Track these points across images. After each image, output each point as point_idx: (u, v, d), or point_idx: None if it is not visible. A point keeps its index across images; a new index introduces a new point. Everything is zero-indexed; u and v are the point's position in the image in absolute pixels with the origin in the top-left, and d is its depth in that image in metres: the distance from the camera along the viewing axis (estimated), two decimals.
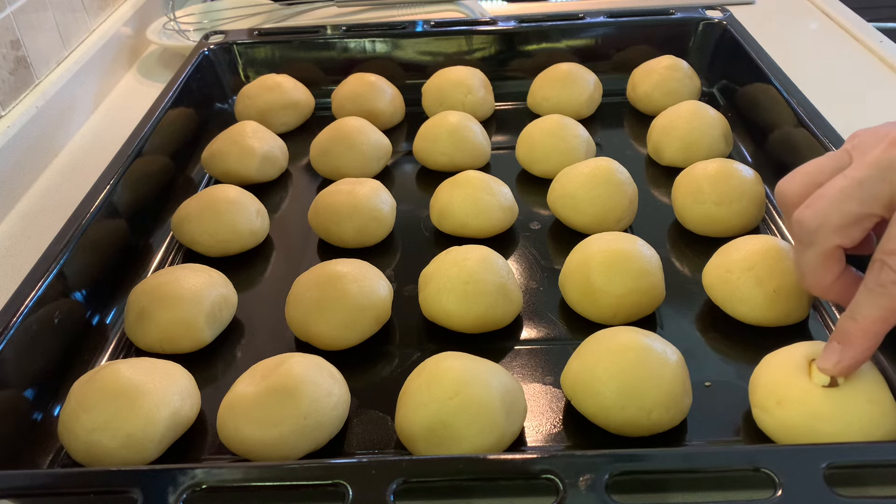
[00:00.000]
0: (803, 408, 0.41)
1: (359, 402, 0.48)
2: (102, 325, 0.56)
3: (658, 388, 0.43)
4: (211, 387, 0.50)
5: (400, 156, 0.75)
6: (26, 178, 0.74)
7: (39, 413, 0.48)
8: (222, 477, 0.37)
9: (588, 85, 0.78)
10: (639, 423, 0.43)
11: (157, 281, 0.53)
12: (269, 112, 0.79)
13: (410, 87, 0.82)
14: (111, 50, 0.94)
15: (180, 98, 0.75)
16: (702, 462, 0.37)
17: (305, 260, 0.62)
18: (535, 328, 0.53)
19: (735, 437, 0.44)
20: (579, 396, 0.45)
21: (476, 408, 0.42)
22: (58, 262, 0.52)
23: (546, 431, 0.46)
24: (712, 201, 0.59)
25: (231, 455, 0.45)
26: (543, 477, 0.36)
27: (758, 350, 0.46)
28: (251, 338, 0.55)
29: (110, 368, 0.45)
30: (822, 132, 0.60)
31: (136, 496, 0.36)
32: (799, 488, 0.34)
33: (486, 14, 1.01)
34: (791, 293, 0.50)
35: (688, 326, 0.53)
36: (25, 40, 0.78)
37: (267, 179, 0.72)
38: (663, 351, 0.44)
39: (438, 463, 0.38)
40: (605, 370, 0.43)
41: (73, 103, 0.84)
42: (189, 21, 1.05)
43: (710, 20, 0.83)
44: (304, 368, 0.45)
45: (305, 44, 0.86)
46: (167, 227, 0.65)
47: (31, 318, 0.48)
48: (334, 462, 0.38)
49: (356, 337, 0.51)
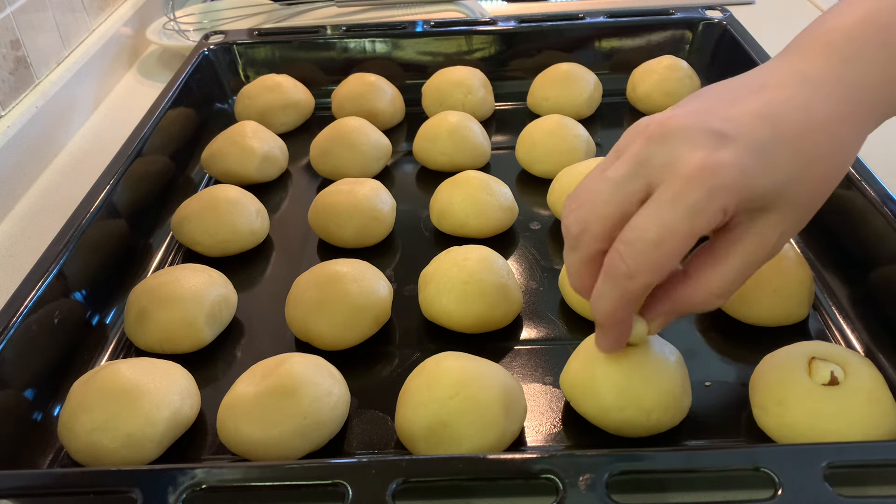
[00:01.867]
0: (803, 407, 0.41)
1: (359, 402, 0.48)
2: (102, 325, 0.56)
3: (657, 389, 0.43)
4: (211, 387, 0.50)
5: (400, 156, 0.75)
6: (26, 178, 0.74)
7: (39, 413, 0.48)
8: (222, 477, 0.37)
9: (588, 85, 0.78)
10: (638, 423, 0.43)
11: (157, 281, 0.53)
12: (269, 112, 0.79)
13: (410, 87, 0.82)
14: (111, 50, 0.94)
15: (180, 98, 0.75)
16: (702, 462, 0.37)
17: (305, 260, 0.62)
18: (535, 328, 0.53)
19: (735, 437, 0.44)
20: (578, 397, 0.45)
21: (476, 408, 0.42)
22: (58, 262, 0.52)
23: (546, 431, 0.46)
24: None
25: (231, 455, 0.45)
26: (543, 477, 0.36)
27: (758, 350, 0.46)
28: (251, 338, 0.55)
29: (110, 368, 0.45)
30: None
31: (135, 496, 0.36)
32: (799, 488, 0.34)
33: (486, 14, 1.01)
34: (791, 293, 0.50)
35: (688, 326, 0.53)
36: (25, 40, 0.78)
37: (267, 179, 0.72)
38: (662, 351, 0.44)
39: (438, 463, 0.38)
40: (603, 371, 0.43)
41: (73, 103, 0.84)
42: (189, 21, 1.05)
43: (710, 20, 0.83)
44: (304, 368, 0.45)
45: (305, 44, 0.86)
46: (167, 227, 0.65)
47: (31, 318, 0.48)
48: (334, 462, 0.38)
49: (356, 337, 0.51)
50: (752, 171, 0.35)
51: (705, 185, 0.34)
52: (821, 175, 0.37)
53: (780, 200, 0.36)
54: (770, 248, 0.37)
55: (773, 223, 0.36)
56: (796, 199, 0.36)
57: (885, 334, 0.49)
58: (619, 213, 0.36)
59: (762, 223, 0.36)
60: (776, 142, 0.35)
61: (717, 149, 0.34)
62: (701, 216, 0.34)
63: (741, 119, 0.36)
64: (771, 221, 0.36)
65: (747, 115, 0.36)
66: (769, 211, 0.36)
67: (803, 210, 0.37)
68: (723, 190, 0.34)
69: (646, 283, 0.36)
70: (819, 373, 0.42)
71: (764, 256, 0.37)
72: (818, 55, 0.38)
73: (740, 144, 0.35)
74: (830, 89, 0.37)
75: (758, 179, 0.35)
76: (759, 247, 0.37)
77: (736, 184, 0.34)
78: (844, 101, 0.37)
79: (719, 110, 0.36)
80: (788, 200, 0.36)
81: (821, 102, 0.37)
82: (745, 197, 0.35)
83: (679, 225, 0.34)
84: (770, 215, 0.36)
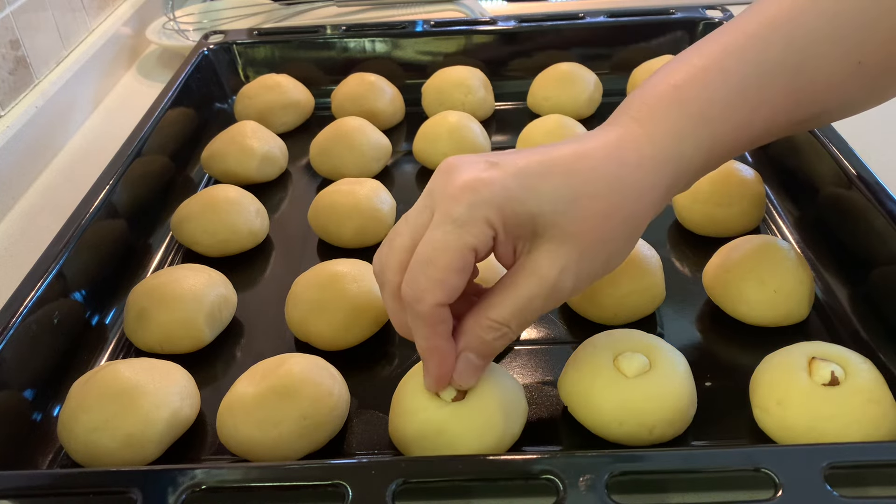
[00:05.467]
0: (803, 408, 0.41)
1: (359, 402, 0.48)
2: (102, 325, 0.56)
3: (661, 405, 0.42)
4: (211, 387, 0.50)
5: (400, 156, 0.75)
6: (26, 178, 0.74)
7: (39, 413, 0.48)
8: (222, 477, 0.37)
9: (588, 85, 0.78)
10: (639, 437, 0.42)
11: (156, 281, 0.53)
12: (269, 112, 0.79)
13: (410, 87, 0.82)
14: (111, 50, 0.94)
15: (180, 98, 0.75)
16: (702, 462, 0.37)
17: (305, 260, 0.62)
18: (535, 328, 0.53)
19: (735, 437, 0.44)
20: (575, 407, 0.44)
21: (474, 411, 0.41)
22: (57, 262, 0.52)
23: (546, 432, 0.46)
24: (712, 201, 0.59)
25: (231, 455, 0.45)
26: (543, 477, 0.36)
27: (758, 350, 0.46)
28: (251, 338, 0.55)
29: (110, 369, 0.45)
30: (822, 130, 0.60)
31: (135, 496, 0.36)
32: (799, 488, 0.34)
33: (486, 14, 1.01)
34: (791, 293, 0.50)
35: (688, 326, 0.53)
36: (25, 40, 0.78)
37: (266, 179, 0.72)
38: (669, 360, 0.43)
39: (438, 463, 0.38)
40: (602, 386, 0.42)
41: (73, 103, 0.84)
42: (189, 21, 1.05)
43: (710, 20, 0.83)
44: (304, 369, 0.45)
45: (305, 44, 0.86)
46: (167, 227, 0.65)
47: (30, 318, 0.48)
48: (334, 462, 0.38)
49: (356, 337, 0.51)
50: (515, 192, 0.36)
51: (466, 200, 0.36)
52: (597, 211, 0.38)
53: (553, 228, 0.37)
54: (548, 280, 0.37)
55: (549, 253, 0.37)
56: (568, 230, 0.37)
57: (885, 334, 0.49)
58: (411, 244, 0.38)
59: (538, 252, 0.38)
60: (544, 172, 0.37)
61: (483, 171, 0.37)
62: (467, 230, 0.36)
63: (518, 155, 0.38)
64: (546, 251, 0.37)
65: (526, 154, 0.38)
66: (542, 238, 0.37)
67: (578, 244, 0.38)
68: (483, 204, 0.36)
69: (433, 302, 0.37)
70: (819, 373, 0.42)
71: (543, 288, 0.38)
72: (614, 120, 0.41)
73: (507, 170, 0.37)
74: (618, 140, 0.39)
75: (521, 201, 0.37)
76: (535, 276, 0.38)
77: (495, 198, 0.36)
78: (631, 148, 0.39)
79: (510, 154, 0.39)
80: (560, 229, 0.37)
81: (601, 148, 0.39)
82: (509, 214, 0.36)
83: (447, 239, 0.36)
84: (544, 244, 0.37)
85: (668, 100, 0.40)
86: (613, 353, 0.44)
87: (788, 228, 0.61)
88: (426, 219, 0.38)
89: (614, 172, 0.38)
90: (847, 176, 0.55)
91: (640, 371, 0.43)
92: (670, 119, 0.39)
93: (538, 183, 0.37)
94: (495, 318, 0.38)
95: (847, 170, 0.55)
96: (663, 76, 0.41)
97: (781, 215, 0.62)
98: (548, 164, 0.38)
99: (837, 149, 0.57)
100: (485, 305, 0.39)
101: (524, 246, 0.38)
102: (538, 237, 0.37)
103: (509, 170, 0.37)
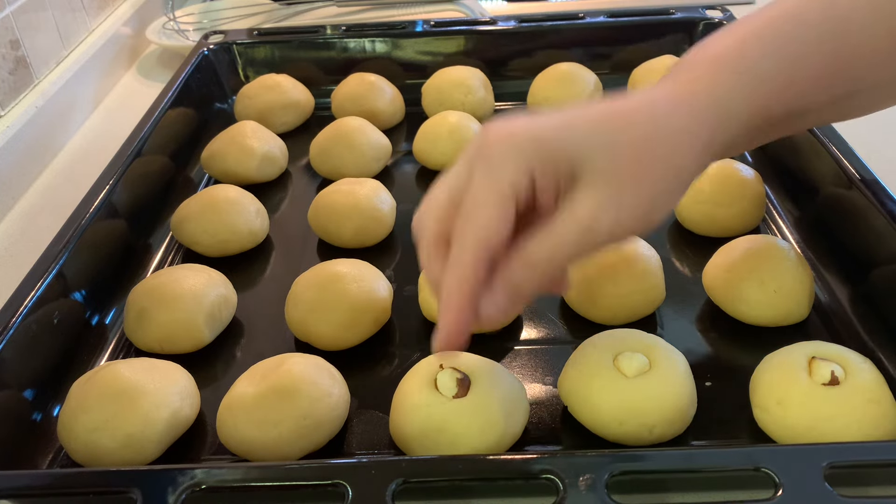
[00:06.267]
0: (803, 407, 0.41)
1: (359, 402, 0.48)
2: (102, 325, 0.56)
3: (661, 404, 0.42)
4: (211, 387, 0.50)
5: (400, 156, 0.75)
6: (26, 178, 0.74)
7: (39, 413, 0.48)
8: (222, 477, 0.37)
9: (588, 85, 0.78)
10: (639, 437, 0.42)
11: (156, 281, 0.53)
12: (269, 112, 0.79)
13: (410, 87, 0.82)
14: (110, 50, 0.94)
15: (180, 98, 0.75)
16: (702, 462, 0.37)
17: (305, 260, 0.62)
18: (535, 328, 0.53)
19: (735, 437, 0.44)
20: (575, 406, 0.44)
21: (476, 408, 0.41)
22: (57, 262, 0.52)
23: (546, 432, 0.46)
24: (712, 201, 0.59)
25: (231, 455, 0.45)
26: (543, 477, 0.36)
27: (758, 350, 0.46)
28: (251, 338, 0.55)
29: (110, 368, 0.45)
30: (822, 130, 0.60)
31: (135, 496, 0.36)
32: (799, 488, 0.34)
33: (486, 14, 1.01)
34: (791, 293, 0.50)
35: (688, 326, 0.53)
36: (25, 40, 0.78)
37: (266, 179, 0.72)
38: (669, 359, 0.43)
39: (438, 463, 0.38)
40: (602, 385, 0.42)
41: (73, 103, 0.84)
42: (189, 21, 1.05)
43: (710, 20, 0.83)
44: (303, 368, 0.45)
45: (305, 44, 0.86)
46: (167, 227, 0.65)
47: (30, 318, 0.48)
48: (334, 462, 0.38)
49: (356, 337, 0.51)
50: (549, 135, 0.37)
51: (501, 146, 0.37)
52: (631, 150, 0.37)
53: (589, 168, 0.37)
54: (582, 220, 0.37)
55: (583, 193, 0.37)
56: (602, 168, 0.37)
57: (885, 334, 0.49)
58: (448, 198, 0.39)
59: (573, 193, 0.37)
60: (578, 117, 0.38)
61: (518, 122, 0.37)
62: (505, 178, 0.36)
63: (553, 113, 0.39)
64: (581, 191, 0.37)
65: (560, 111, 0.38)
66: (580, 181, 0.37)
67: (612, 182, 0.37)
68: (518, 147, 0.37)
69: (474, 256, 0.37)
70: (819, 372, 0.42)
71: (577, 228, 0.37)
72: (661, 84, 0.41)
73: (542, 119, 0.38)
74: (652, 93, 0.40)
75: (556, 143, 0.37)
76: (570, 217, 0.37)
77: (531, 143, 0.37)
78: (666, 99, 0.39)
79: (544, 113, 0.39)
80: (595, 168, 0.37)
81: (635, 101, 0.39)
82: (545, 157, 0.37)
83: (486, 184, 0.37)
84: (580, 186, 0.37)
85: (705, 62, 0.40)
86: (613, 352, 0.44)
87: (788, 228, 0.61)
88: (464, 176, 0.38)
89: (648, 117, 0.38)
90: (847, 176, 0.55)
91: (640, 371, 0.43)
92: (706, 75, 0.39)
93: (573, 128, 0.37)
94: (526, 259, 0.37)
95: (847, 170, 0.55)
96: (699, 48, 0.42)
97: (781, 215, 0.62)
98: (582, 115, 0.38)
99: (837, 149, 0.57)
100: (519, 247, 0.38)
101: (564, 192, 0.38)
102: (576, 180, 0.37)
103: (544, 119, 0.38)
